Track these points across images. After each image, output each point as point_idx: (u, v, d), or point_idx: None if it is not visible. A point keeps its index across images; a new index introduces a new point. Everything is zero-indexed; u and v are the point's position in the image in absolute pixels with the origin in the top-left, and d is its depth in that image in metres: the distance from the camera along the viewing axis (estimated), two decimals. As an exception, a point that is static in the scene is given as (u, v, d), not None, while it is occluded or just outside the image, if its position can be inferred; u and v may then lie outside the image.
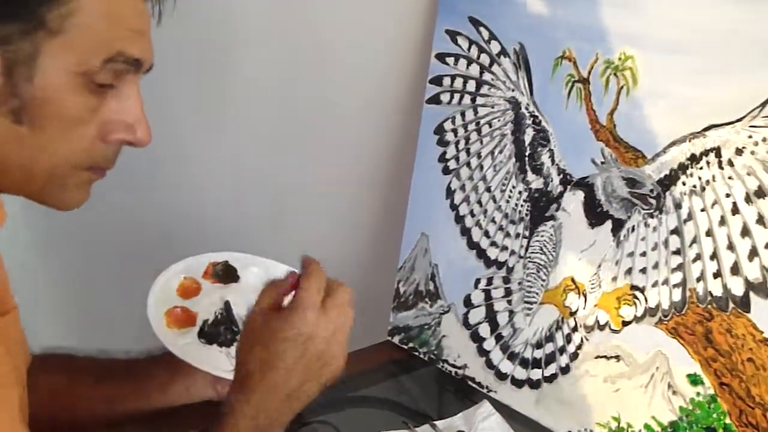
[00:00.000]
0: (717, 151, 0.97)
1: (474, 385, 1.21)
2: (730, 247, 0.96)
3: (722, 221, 0.97)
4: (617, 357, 1.06)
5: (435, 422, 1.12)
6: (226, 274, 1.15)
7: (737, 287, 0.95)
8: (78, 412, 1.12)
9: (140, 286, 1.12)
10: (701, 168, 0.99)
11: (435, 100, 1.28)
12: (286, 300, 0.90)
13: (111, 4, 0.75)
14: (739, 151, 0.96)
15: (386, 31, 1.32)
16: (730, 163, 0.96)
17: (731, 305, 0.96)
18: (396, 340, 1.33)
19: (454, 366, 1.24)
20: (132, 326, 1.12)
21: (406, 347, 1.31)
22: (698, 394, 0.98)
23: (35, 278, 1.34)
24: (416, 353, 1.30)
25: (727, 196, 0.96)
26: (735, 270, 0.95)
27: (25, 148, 0.75)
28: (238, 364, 0.90)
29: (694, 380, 0.99)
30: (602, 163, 1.08)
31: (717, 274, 0.97)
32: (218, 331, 1.11)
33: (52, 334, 1.11)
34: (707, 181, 0.98)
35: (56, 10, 0.72)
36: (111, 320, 1.37)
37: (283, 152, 1.38)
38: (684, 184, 1.00)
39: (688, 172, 1.00)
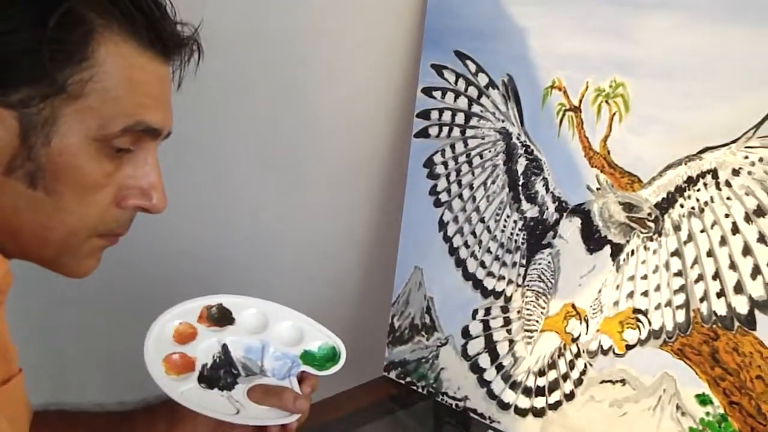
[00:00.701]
0: (714, 173, 0.99)
1: (476, 417, 1.21)
2: (732, 266, 0.97)
3: (723, 241, 0.98)
4: (623, 381, 1.06)
5: (442, 456, 1.11)
6: (222, 316, 1.14)
7: (742, 306, 0.96)
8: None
9: (132, 334, 1.10)
10: (698, 190, 1.00)
11: (423, 133, 1.28)
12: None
13: (132, 70, 0.74)
14: (735, 172, 0.98)
15: (371, 67, 1.33)
16: (728, 184, 0.98)
17: (737, 324, 0.97)
18: (393, 375, 1.32)
19: (454, 398, 1.24)
20: (125, 375, 1.10)
21: (403, 382, 1.31)
22: (708, 413, 0.99)
23: (23, 330, 1.31)
24: (414, 387, 1.29)
25: (726, 216, 0.98)
26: (738, 289, 0.97)
27: (40, 214, 0.73)
28: None
29: (703, 400, 0.99)
30: (598, 189, 1.09)
31: (720, 294, 0.98)
32: (218, 374, 1.09)
33: (44, 388, 1.08)
34: (705, 203, 1.00)
35: (77, 75, 0.71)
36: (104, 370, 1.34)
37: (271, 192, 1.38)
38: (682, 206, 1.02)
39: (686, 194, 1.01)
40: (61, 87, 0.71)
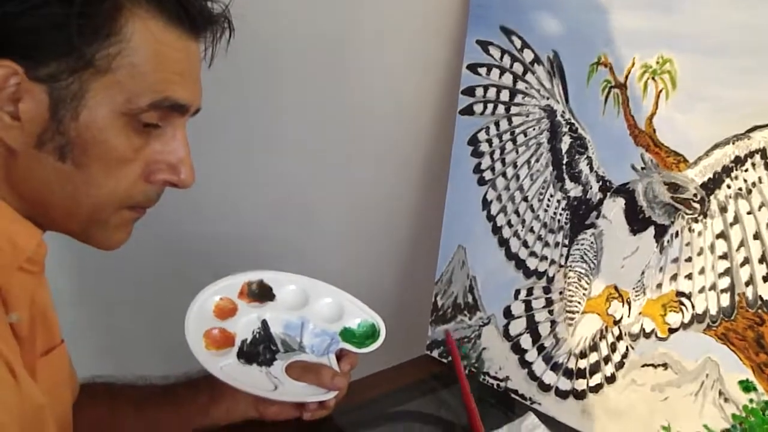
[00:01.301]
0: (762, 152, 0.96)
1: (517, 398, 1.19)
2: (780, 249, 0.94)
3: (770, 223, 0.95)
4: (665, 365, 1.04)
5: (479, 436, 1.10)
6: (262, 293, 1.15)
7: (788, 290, 0.93)
8: (119, 439, 1.12)
9: (176, 308, 1.11)
10: (746, 170, 0.97)
11: (468, 111, 1.27)
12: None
13: (160, 46, 0.75)
14: (785, 152, 0.94)
15: (417, 44, 1.31)
16: (777, 164, 0.95)
17: (782, 309, 0.94)
18: (435, 354, 1.31)
19: (495, 378, 1.23)
20: (167, 350, 1.11)
21: (445, 361, 1.30)
22: (751, 400, 0.96)
23: (70, 304, 1.34)
24: (456, 367, 1.28)
25: (775, 197, 0.95)
26: (785, 273, 0.94)
27: (68, 186, 0.75)
28: None
29: (747, 387, 0.97)
30: (643, 168, 1.06)
31: (767, 278, 0.95)
32: (257, 350, 1.10)
33: (89, 361, 1.10)
34: (753, 183, 0.96)
35: (105, 50, 0.72)
36: (147, 345, 1.36)
37: (317, 169, 1.38)
38: (729, 187, 0.98)
39: (733, 174, 0.98)
40: (89, 61, 0.72)
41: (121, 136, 0.75)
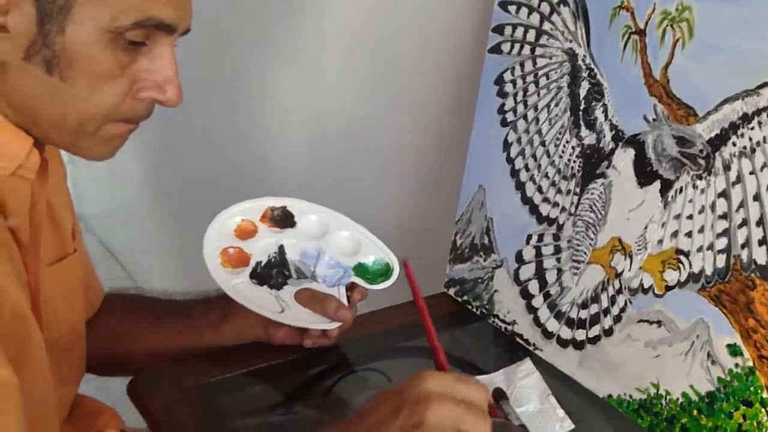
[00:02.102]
0: (770, 111, 0.91)
1: (522, 342, 1.19)
2: (777, 213, 0.90)
3: (771, 185, 0.91)
4: (659, 322, 1.02)
5: (475, 378, 1.11)
6: (284, 218, 1.17)
7: (782, 256, 0.90)
8: (136, 349, 1.18)
9: (201, 227, 1.15)
10: (752, 128, 0.93)
11: (496, 49, 1.24)
12: None
13: None
14: (792, 112, 0.89)
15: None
16: (782, 124, 0.90)
17: (774, 275, 0.90)
18: (452, 292, 1.32)
19: (504, 321, 1.23)
20: (190, 267, 1.16)
21: (460, 300, 1.31)
22: (737, 365, 0.94)
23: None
24: (469, 306, 1.29)
25: (777, 159, 0.90)
26: (780, 238, 0.90)
27: (56, 99, 0.78)
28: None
29: (734, 351, 0.94)
30: (654, 120, 1.03)
31: (762, 242, 0.92)
32: (270, 273, 1.13)
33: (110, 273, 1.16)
34: (758, 143, 0.92)
35: None
36: (171, 260, 1.42)
37: (345, 104, 1.38)
38: (734, 144, 0.94)
39: (740, 132, 0.94)
40: None
41: (107, 52, 0.77)
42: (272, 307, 1.11)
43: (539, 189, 1.18)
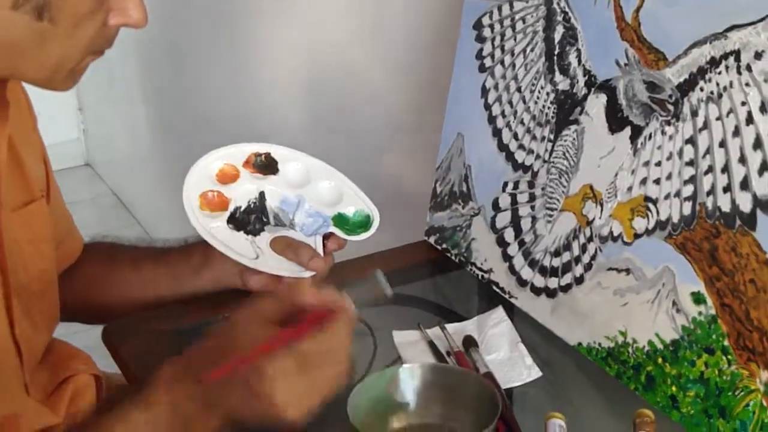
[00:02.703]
0: (736, 55, 0.89)
1: (497, 290, 1.19)
2: (742, 159, 0.89)
3: (736, 131, 0.89)
4: (627, 270, 1.01)
5: (445, 326, 1.12)
6: (267, 165, 1.17)
7: (745, 203, 0.89)
8: (114, 296, 1.19)
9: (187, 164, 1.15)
10: (719, 73, 0.91)
11: (476, -8, 1.22)
12: None
13: None
14: (758, 55, 0.87)
15: None
16: (749, 68, 0.88)
17: (738, 222, 0.89)
18: (432, 240, 1.32)
19: (481, 270, 1.22)
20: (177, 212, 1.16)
21: (440, 248, 1.30)
22: (700, 313, 0.93)
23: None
24: (448, 254, 1.29)
25: (743, 104, 0.89)
26: (744, 185, 0.89)
27: (44, 41, 0.80)
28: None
29: (698, 299, 0.93)
30: (625, 64, 1.01)
31: (727, 189, 0.90)
32: (248, 219, 1.13)
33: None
34: (724, 88, 0.90)
35: None
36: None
37: (339, 53, 1.37)
38: (702, 89, 0.93)
39: (707, 76, 0.92)
40: None
41: None
42: (246, 253, 1.11)
43: (515, 136, 1.17)
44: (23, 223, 1.00)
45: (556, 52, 1.10)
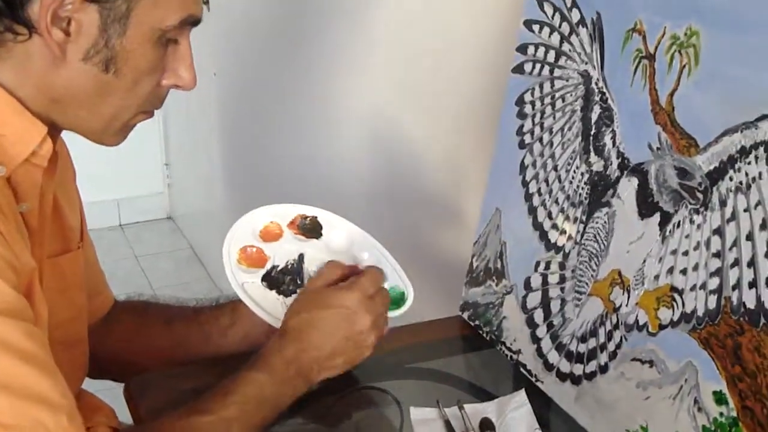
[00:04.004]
0: (766, 145, 0.85)
1: (524, 372, 1.16)
2: (768, 255, 0.84)
3: (763, 225, 0.85)
4: (651, 362, 0.97)
5: (464, 405, 1.09)
6: (312, 228, 1.17)
7: (771, 301, 0.84)
8: (145, 354, 1.21)
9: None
10: (749, 163, 0.87)
11: (519, 69, 1.21)
12: None
13: None
14: (788, 147, 0.83)
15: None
16: (778, 160, 0.84)
17: (762, 321, 0.85)
18: (465, 315, 1.29)
19: (510, 350, 1.19)
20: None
21: (473, 324, 1.28)
22: (722, 414, 0.88)
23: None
24: (480, 332, 1.26)
25: (771, 196, 0.84)
26: (770, 282, 0.84)
27: (106, 92, 0.86)
28: (285, 318, 1.04)
29: (720, 399, 0.88)
30: (658, 149, 0.98)
31: (752, 284, 0.86)
32: (283, 279, 1.13)
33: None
34: (753, 178, 0.87)
35: None
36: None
37: (395, 128, 1.38)
38: (731, 179, 0.89)
39: (737, 166, 0.88)
40: None
41: (155, 50, 0.86)
42: (276, 313, 1.10)
43: (549, 215, 1.14)
44: (55, 272, 1.02)
45: (592, 132, 1.08)
